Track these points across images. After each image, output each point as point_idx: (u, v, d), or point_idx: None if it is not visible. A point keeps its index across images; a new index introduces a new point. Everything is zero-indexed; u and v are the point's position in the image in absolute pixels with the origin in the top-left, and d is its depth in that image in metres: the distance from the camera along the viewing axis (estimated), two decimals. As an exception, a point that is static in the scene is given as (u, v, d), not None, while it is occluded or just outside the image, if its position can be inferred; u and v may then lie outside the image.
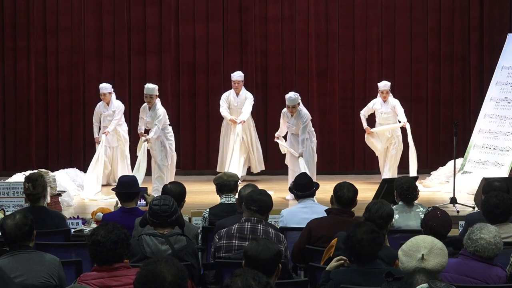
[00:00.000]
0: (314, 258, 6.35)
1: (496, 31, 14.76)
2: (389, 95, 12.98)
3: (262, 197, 6.26)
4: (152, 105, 11.92)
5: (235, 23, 14.81)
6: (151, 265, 3.74)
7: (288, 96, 11.90)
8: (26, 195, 7.40)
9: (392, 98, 13.00)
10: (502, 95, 13.04)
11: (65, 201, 11.12)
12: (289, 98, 11.83)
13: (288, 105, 11.83)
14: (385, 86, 12.95)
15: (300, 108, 11.88)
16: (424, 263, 4.47)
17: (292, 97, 11.82)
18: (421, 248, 4.54)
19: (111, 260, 4.80)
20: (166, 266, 3.72)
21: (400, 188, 7.49)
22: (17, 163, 14.39)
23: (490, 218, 6.30)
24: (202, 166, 14.76)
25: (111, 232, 4.84)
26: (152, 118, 11.89)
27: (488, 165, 12.59)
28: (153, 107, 11.92)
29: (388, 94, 12.95)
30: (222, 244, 6.07)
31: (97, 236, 4.84)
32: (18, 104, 14.63)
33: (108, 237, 4.81)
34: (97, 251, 4.82)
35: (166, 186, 7.27)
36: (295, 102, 11.78)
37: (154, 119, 11.85)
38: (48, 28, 14.62)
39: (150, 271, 3.71)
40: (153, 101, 11.92)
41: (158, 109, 11.91)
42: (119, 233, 4.85)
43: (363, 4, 14.83)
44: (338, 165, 14.81)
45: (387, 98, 12.94)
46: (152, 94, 11.90)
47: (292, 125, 11.94)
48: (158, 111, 11.87)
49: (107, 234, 4.82)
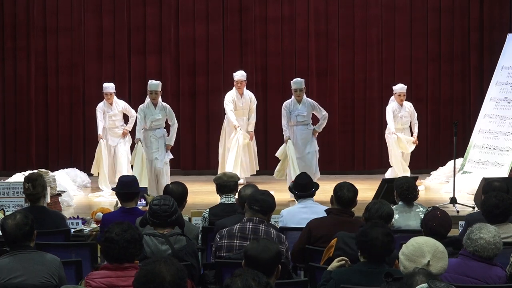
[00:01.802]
0: (314, 258, 6.34)
1: (496, 31, 14.77)
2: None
3: (265, 197, 6.26)
4: (157, 101, 11.83)
5: (235, 23, 14.81)
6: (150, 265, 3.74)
7: (294, 80, 11.98)
8: (26, 195, 7.39)
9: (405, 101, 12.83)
10: (502, 95, 13.04)
11: (65, 201, 11.13)
12: (295, 81, 11.91)
13: (295, 88, 11.84)
14: (402, 89, 12.70)
15: (305, 97, 11.97)
16: (430, 268, 4.49)
17: (299, 80, 11.92)
18: (426, 253, 4.55)
19: (122, 258, 4.78)
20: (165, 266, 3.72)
21: (400, 188, 7.49)
22: (17, 163, 14.39)
23: (489, 218, 6.30)
24: (202, 166, 14.76)
25: (125, 231, 4.82)
26: (162, 115, 11.78)
27: (488, 165, 12.59)
28: (160, 105, 11.82)
29: (405, 97, 12.78)
30: (223, 244, 6.06)
31: (111, 234, 4.82)
32: (18, 104, 14.64)
33: (122, 235, 4.79)
34: (109, 248, 4.80)
35: (168, 186, 7.26)
36: (302, 86, 11.86)
37: (167, 116, 11.83)
38: (48, 28, 14.63)
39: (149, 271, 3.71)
40: (158, 97, 11.82)
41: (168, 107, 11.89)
42: (133, 233, 4.84)
43: (363, 4, 14.83)
44: (338, 165, 14.80)
45: (403, 101, 12.75)
46: (157, 90, 11.81)
47: (302, 111, 11.85)
48: (169, 109, 11.86)
49: (121, 233, 4.80)
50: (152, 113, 11.79)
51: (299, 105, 11.86)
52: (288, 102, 11.97)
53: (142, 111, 11.86)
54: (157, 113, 11.79)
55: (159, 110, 11.81)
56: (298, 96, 11.83)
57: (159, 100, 11.88)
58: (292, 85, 11.96)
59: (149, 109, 11.84)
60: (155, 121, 11.79)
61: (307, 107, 11.88)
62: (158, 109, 11.82)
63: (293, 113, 11.87)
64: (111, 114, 12.70)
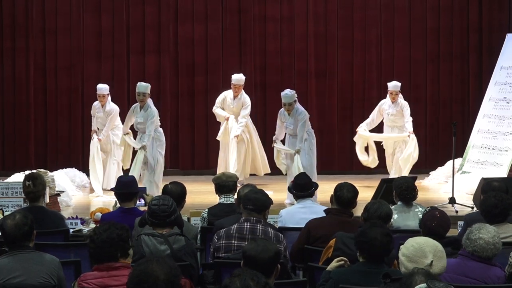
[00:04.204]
0: (313, 258, 6.35)
1: (495, 31, 14.78)
2: (399, 96, 12.73)
3: (258, 196, 6.26)
4: (145, 104, 11.61)
5: (234, 23, 14.81)
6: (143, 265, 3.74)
7: (284, 93, 11.42)
8: (25, 193, 7.36)
9: (402, 99, 12.75)
10: (501, 95, 13.04)
11: (64, 201, 11.12)
12: (284, 95, 11.36)
13: (284, 102, 11.37)
14: (394, 87, 12.69)
15: (297, 106, 11.45)
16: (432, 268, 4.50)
17: (288, 94, 11.34)
18: (427, 253, 4.55)
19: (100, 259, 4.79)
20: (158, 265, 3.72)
21: (399, 188, 7.50)
22: (16, 163, 14.38)
23: (488, 218, 6.30)
24: (201, 166, 14.75)
25: (105, 231, 4.84)
26: (144, 119, 11.55)
27: (487, 165, 12.59)
28: (145, 107, 11.58)
29: (398, 96, 12.72)
30: (221, 245, 6.06)
31: (92, 233, 4.87)
32: (17, 105, 14.63)
33: (100, 235, 4.81)
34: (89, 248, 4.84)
35: (167, 186, 7.26)
36: (292, 100, 11.31)
37: (147, 119, 11.51)
38: (47, 28, 14.61)
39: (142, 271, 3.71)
40: (145, 100, 11.58)
41: (151, 108, 11.59)
42: (111, 232, 4.82)
43: (362, 5, 14.84)
44: (337, 165, 14.80)
45: (396, 99, 12.69)
46: (145, 92, 11.57)
47: (290, 125, 11.43)
48: (151, 111, 11.55)
49: (100, 232, 4.83)
50: (137, 115, 11.66)
51: (288, 117, 11.43)
52: (281, 110, 11.64)
53: (132, 112, 11.80)
54: (140, 116, 11.61)
55: (143, 112, 11.61)
56: (288, 110, 11.36)
57: (148, 101, 11.64)
58: (281, 98, 11.46)
59: (135, 111, 11.73)
60: (138, 124, 11.66)
61: (295, 121, 11.38)
62: (142, 111, 11.61)
63: (284, 123, 11.56)
64: (98, 116, 12.65)
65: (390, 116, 12.75)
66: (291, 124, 11.42)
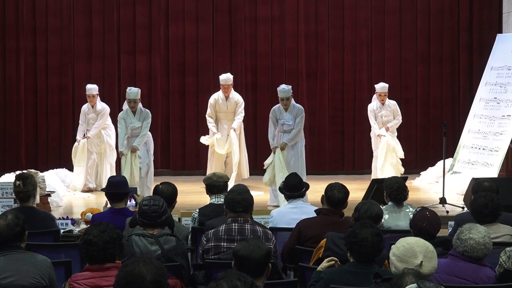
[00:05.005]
0: (303, 258, 6.34)
1: (485, 31, 14.82)
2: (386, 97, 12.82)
3: (243, 196, 6.26)
4: (136, 109, 11.53)
5: (224, 23, 14.81)
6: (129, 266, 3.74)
7: (280, 88, 11.29)
8: (16, 193, 7.33)
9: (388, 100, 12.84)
10: (491, 96, 13.06)
11: (54, 201, 11.10)
12: (282, 90, 11.22)
13: (281, 97, 11.20)
14: (382, 89, 12.78)
15: (293, 101, 11.37)
16: (422, 268, 4.50)
17: (285, 89, 11.21)
18: (418, 253, 4.55)
19: (102, 259, 4.81)
20: (144, 265, 3.72)
21: (389, 188, 7.51)
22: (6, 164, 14.34)
23: (478, 218, 6.31)
24: (192, 166, 14.74)
25: (103, 232, 4.85)
26: (141, 122, 11.49)
27: (478, 165, 12.61)
28: (138, 111, 11.52)
29: (386, 97, 12.81)
30: (210, 246, 6.06)
31: (90, 236, 4.85)
32: (7, 105, 14.59)
33: (101, 236, 4.82)
34: (88, 250, 4.83)
35: (158, 187, 7.25)
36: (289, 94, 11.19)
37: (144, 121, 11.48)
38: (37, 28, 14.59)
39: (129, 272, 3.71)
40: (137, 105, 11.52)
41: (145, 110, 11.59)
42: (111, 232, 4.87)
43: (353, 5, 14.86)
44: (328, 165, 14.82)
45: (385, 100, 12.78)
46: (136, 99, 11.47)
47: (288, 120, 11.21)
48: (146, 112, 11.54)
49: (99, 234, 4.83)
50: (132, 121, 11.53)
51: (285, 113, 11.28)
52: (275, 108, 11.40)
53: (123, 119, 11.61)
54: (136, 121, 11.51)
55: (138, 117, 11.55)
56: (285, 105, 11.23)
57: (139, 106, 11.60)
58: (278, 93, 11.32)
59: (128, 117, 11.58)
60: (135, 129, 11.54)
61: (293, 116, 11.25)
62: (137, 116, 11.55)
63: (279, 121, 11.32)
64: (89, 117, 12.63)
65: (384, 118, 12.83)
66: (290, 119, 11.25)
